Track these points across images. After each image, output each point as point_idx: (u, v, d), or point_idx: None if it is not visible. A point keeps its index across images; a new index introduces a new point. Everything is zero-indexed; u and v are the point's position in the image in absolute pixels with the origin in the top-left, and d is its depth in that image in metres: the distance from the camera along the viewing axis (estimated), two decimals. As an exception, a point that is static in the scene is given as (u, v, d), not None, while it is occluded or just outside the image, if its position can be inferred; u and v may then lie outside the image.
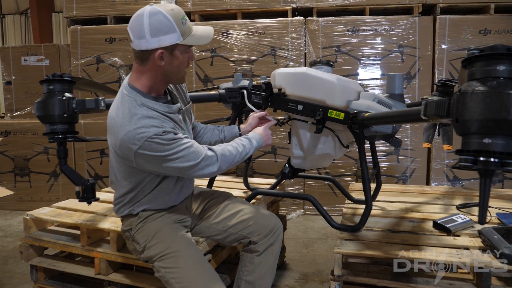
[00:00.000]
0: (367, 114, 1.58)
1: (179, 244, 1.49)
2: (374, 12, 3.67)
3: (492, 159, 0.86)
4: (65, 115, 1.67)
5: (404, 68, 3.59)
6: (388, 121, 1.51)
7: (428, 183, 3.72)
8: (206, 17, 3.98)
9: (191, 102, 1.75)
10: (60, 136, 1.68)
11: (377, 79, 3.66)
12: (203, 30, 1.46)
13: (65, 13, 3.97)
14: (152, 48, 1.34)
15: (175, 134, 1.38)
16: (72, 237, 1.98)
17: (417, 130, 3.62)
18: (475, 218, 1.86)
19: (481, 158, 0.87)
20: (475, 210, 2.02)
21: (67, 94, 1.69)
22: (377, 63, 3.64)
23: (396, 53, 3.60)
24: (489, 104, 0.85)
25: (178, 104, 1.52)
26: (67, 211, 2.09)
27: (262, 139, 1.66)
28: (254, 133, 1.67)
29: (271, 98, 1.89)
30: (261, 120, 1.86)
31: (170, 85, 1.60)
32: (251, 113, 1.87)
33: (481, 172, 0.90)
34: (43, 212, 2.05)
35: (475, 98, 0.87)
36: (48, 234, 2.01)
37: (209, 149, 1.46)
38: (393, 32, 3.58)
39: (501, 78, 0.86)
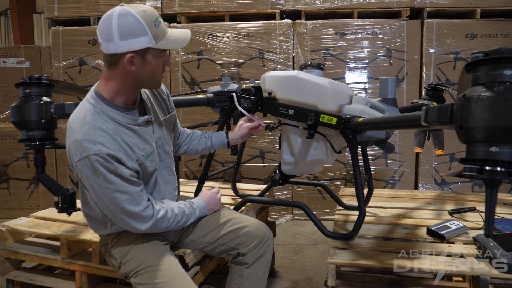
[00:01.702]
0: (360, 119, 1.53)
1: (155, 258, 1.39)
2: (362, 15, 3.65)
3: (498, 168, 0.81)
4: (43, 121, 1.58)
5: (392, 72, 3.58)
6: (384, 127, 1.46)
7: (416, 187, 3.71)
8: (193, 19, 3.90)
9: (174, 111, 1.66)
10: (37, 143, 1.59)
11: (365, 82, 3.64)
12: (178, 33, 1.36)
13: (46, 13, 3.84)
14: (121, 51, 1.25)
15: (125, 167, 1.28)
16: (51, 249, 1.87)
17: (405, 134, 3.60)
18: (468, 224, 1.84)
19: (487, 167, 0.82)
20: (468, 215, 2.00)
21: (45, 98, 1.60)
22: (365, 67, 3.62)
23: (384, 57, 3.59)
24: (497, 111, 0.80)
25: (146, 116, 1.41)
26: (46, 221, 1.99)
27: (207, 207, 1.59)
28: (201, 200, 1.58)
29: (261, 102, 1.83)
30: (252, 130, 1.80)
31: (148, 94, 1.51)
32: (241, 121, 1.81)
33: (487, 182, 0.85)
34: (20, 223, 1.94)
35: (481, 104, 0.82)
36: (26, 246, 1.91)
37: (151, 206, 1.36)
38: (381, 36, 3.56)
39: (508, 83, 0.82)
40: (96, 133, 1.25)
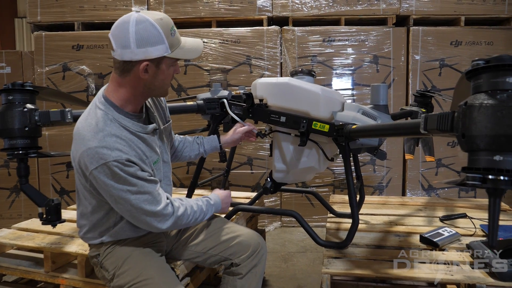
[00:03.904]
0: (354, 126, 1.51)
1: (152, 271, 1.36)
2: (349, 22, 3.67)
3: (502, 177, 0.80)
4: (27, 129, 1.51)
5: (379, 79, 3.60)
6: (380, 134, 1.44)
7: (404, 192, 3.72)
8: (180, 25, 3.86)
9: (171, 121, 1.63)
10: (20, 152, 1.52)
11: (352, 89, 3.65)
12: (192, 43, 1.36)
13: (29, 18, 3.74)
14: (137, 59, 1.22)
15: (142, 170, 1.26)
16: (34, 262, 1.80)
17: (392, 139, 3.62)
18: (460, 231, 1.84)
19: (490, 176, 0.81)
20: (459, 222, 2.01)
21: (28, 106, 1.53)
22: (352, 73, 3.64)
23: (371, 63, 3.61)
24: (500, 119, 0.79)
25: (154, 125, 1.40)
26: (29, 232, 1.91)
27: (221, 206, 1.56)
28: (218, 198, 1.55)
29: (252, 109, 1.80)
30: (246, 135, 1.78)
31: (150, 102, 1.48)
32: (236, 126, 1.79)
33: (490, 191, 0.84)
34: (2, 235, 1.86)
35: (484, 112, 0.81)
36: (7, 259, 1.83)
37: (171, 204, 1.34)
38: (367, 43, 3.59)
39: (511, 91, 0.81)
40: (112, 139, 1.22)
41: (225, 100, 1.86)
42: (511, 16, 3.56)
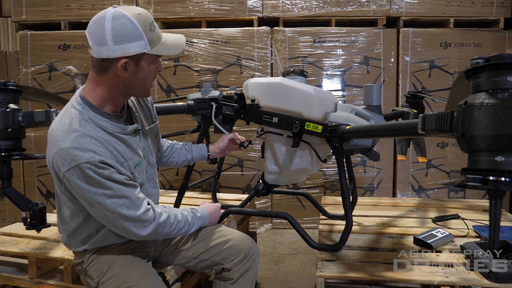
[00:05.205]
0: (348, 127, 1.49)
1: (138, 277, 1.30)
2: (339, 23, 3.66)
3: (503, 179, 0.78)
4: (9, 130, 1.45)
5: (370, 80, 3.60)
6: (374, 135, 1.42)
7: (394, 193, 3.73)
8: (169, 24, 3.81)
9: (157, 121, 1.58)
10: (3, 154, 1.46)
11: (342, 90, 3.64)
12: (173, 39, 1.31)
13: (14, 17, 3.65)
14: (114, 56, 1.17)
15: (119, 173, 1.21)
16: (18, 268, 1.74)
17: (383, 140, 3.62)
18: (454, 232, 1.83)
19: (492, 178, 0.79)
20: (451, 223, 2.00)
21: (12, 106, 1.47)
22: (343, 74, 3.63)
23: (361, 65, 3.61)
24: (502, 119, 0.77)
25: (135, 125, 1.34)
26: (12, 237, 1.85)
27: (209, 219, 1.53)
28: (205, 210, 1.52)
29: (244, 110, 1.76)
30: (232, 142, 1.76)
31: (134, 101, 1.43)
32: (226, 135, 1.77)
33: (491, 193, 0.82)
34: (-16, 240, 1.80)
35: (485, 112, 0.79)
36: (-11, 265, 1.77)
37: (152, 210, 1.29)
38: (358, 44, 3.59)
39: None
40: (85, 140, 1.17)
41: (213, 104, 1.82)
42: (499, 18, 3.59)
